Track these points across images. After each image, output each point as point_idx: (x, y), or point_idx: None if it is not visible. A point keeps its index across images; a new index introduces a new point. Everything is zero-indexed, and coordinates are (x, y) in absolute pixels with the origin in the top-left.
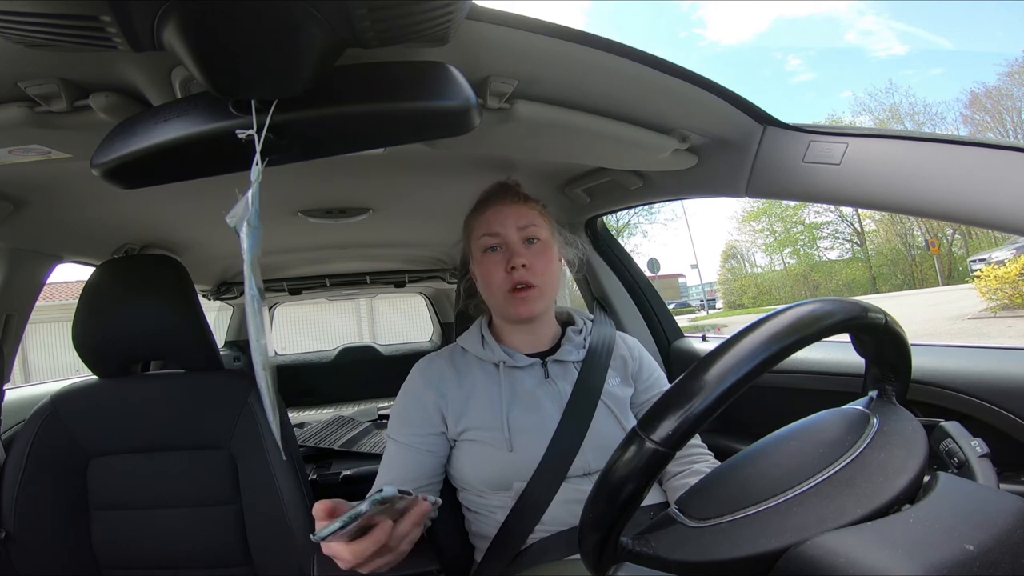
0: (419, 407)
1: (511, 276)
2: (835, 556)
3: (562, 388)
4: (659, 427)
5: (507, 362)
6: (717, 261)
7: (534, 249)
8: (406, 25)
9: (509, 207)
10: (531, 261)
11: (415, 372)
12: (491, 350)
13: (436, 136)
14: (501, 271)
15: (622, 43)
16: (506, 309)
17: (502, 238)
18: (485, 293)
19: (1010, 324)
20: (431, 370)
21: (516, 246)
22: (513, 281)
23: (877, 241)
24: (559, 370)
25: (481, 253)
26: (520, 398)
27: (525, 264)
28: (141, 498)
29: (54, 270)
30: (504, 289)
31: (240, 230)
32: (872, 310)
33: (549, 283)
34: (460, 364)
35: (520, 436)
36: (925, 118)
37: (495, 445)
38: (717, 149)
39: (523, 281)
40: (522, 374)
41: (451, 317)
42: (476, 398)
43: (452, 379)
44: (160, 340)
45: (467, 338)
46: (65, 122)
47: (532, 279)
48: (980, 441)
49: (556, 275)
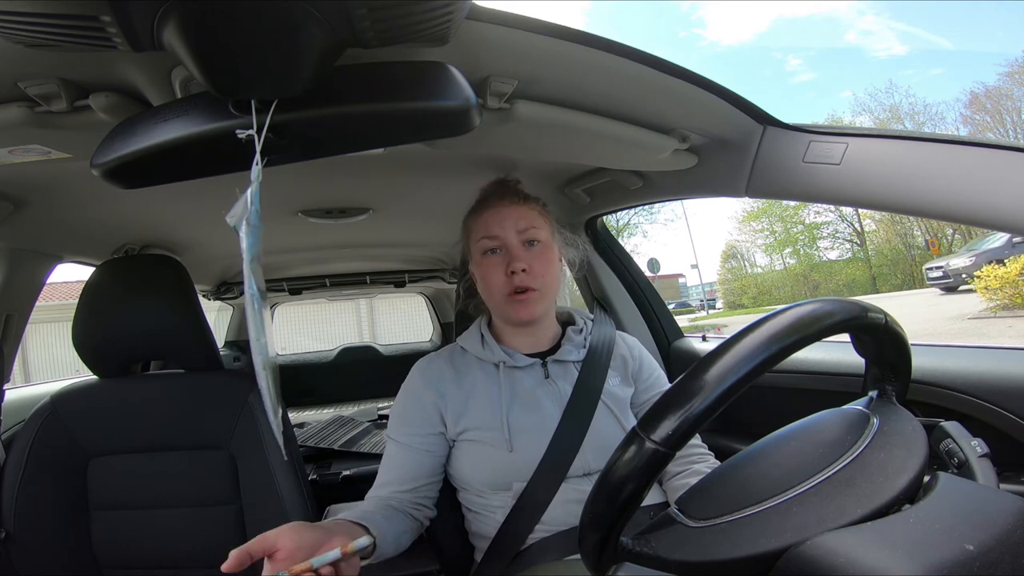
0: (418, 407)
1: (511, 280)
2: (835, 556)
3: (562, 388)
4: (659, 427)
5: (507, 362)
6: (717, 261)
7: (534, 251)
8: (406, 25)
9: (508, 208)
10: (531, 264)
11: (415, 372)
12: (491, 350)
13: (436, 136)
14: (501, 274)
15: (622, 43)
16: (506, 312)
17: (501, 240)
18: (485, 295)
19: (1010, 324)
20: (431, 370)
21: (516, 249)
22: (513, 285)
23: (877, 241)
24: (559, 370)
25: (480, 255)
26: (520, 398)
27: (525, 268)
28: (141, 498)
29: (54, 270)
30: (504, 292)
31: (240, 230)
32: (872, 310)
33: (549, 285)
34: (460, 364)
35: (520, 436)
36: (925, 118)
37: (495, 445)
38: (717, 149)
39: (523, 285)
40: (522, 374)
41: (451, 317)
42: (476, 398)
43: (451, 379)
44: (160, 340)
45: (467, 338)
46: (65, 122)
47: (532, 283)
48: (980, 441)
49: (556, 276)
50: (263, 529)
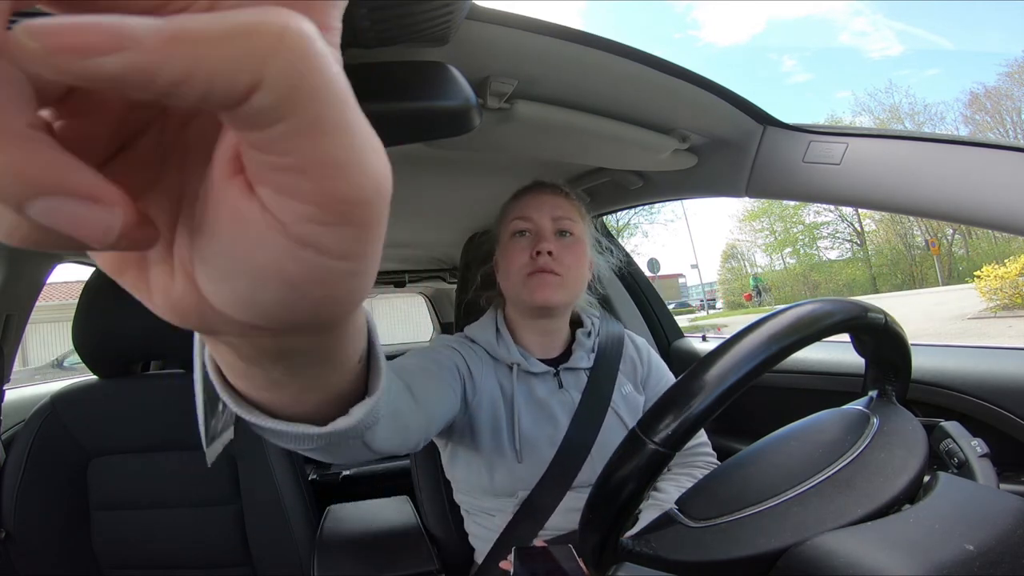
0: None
1: (535, 261)
2: (835, 556)
3: (574, 397)
4: (659, 427)
5: (522, 365)
6: (717, 261)
7: (564, 242)
8: (406, 25)
9: (548, 196)
10: (559, 252)
11: (441, 340)
12: (506, 348)
13: (436, 136)
14: (526, 255)
15: (622, 43)
16: (522, 294)
17: (534, 223)
18: (503, 279)
19: (1010, 324)
20: (455, 342)
21: (546, 232)
22: (536, 265)
23: (877, 241)
24: (571, 378)
25: (509, 237)
26: (533, 407)
27: (552, 252)
28: (141, 498)
29: (54, 270)
30: (524, 272)
31: None
32: (872, 310)
33: (573, 278)
34: (471, 355)
35: (530, 446)
36: (925, 118)
37: (503, 454)
38: (717, 149)
39: (546, 267)
40: (536, 381)
41: (451, 317)
42: (487, 397)
43: (472, 362)
44: (160, 340)
45: (478, 330)
46: None
47: (556, 267)
48: (980, 441)
49: (582, 273)
50: (263, 529)
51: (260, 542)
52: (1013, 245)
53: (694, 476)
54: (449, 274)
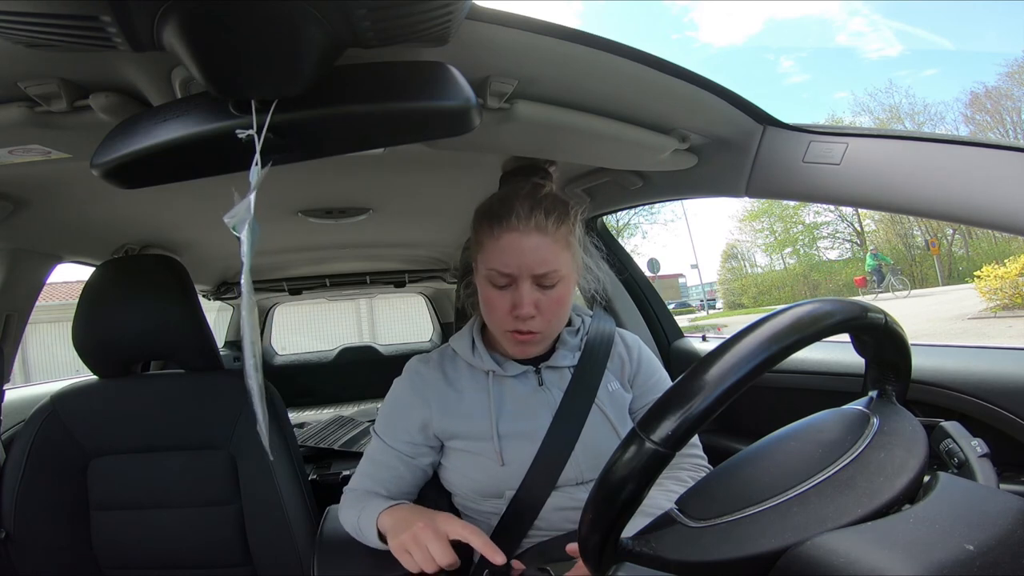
0: (403, 415)
1: (515, 320)
2: (835, 556)
3: (556, 395)
4: (659, 427)
5: (496, 371)
6: (717, 261)
7: (547, 294)
8: (406, 25)
9: (531, 238)
10: (540, 306)
11: (404, 376)
12: (480, 357)
13: (436, 136)
14: (505, 307)
15: (622, 43)
16: (502, 340)
17: (512, 278)
18: (483, 313)
19: (1010, 324)
20: (419, 377)
21: (527, 294)
22: (516, 326)
23: (877, 241)
24: (554, 376)
25: (485, 277)
26: (511, 407)
27: (533, 315)
28: (141, 498)
29: (54, 270)
30: (504, 328)
31: (240, 231)
32: (872, 310)
33: (556, 325)
34: (449, 368)
35: (511, 447)
36: (925, 118)
37: (486, 456)
38: (717, 149)
39: (526, 329)
40: (514, 382)
41: (451, 317)
42: (465, 405)
43: (440, 385)
44: (160, 340)
45: (458, 341)
46: (65, 122)
47: (536, 326)
48: (980, 441)
49: (566, 309)
50: (263, 529)
51: (260, 542)
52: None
53: (681, 480)
54: (449, 274)
